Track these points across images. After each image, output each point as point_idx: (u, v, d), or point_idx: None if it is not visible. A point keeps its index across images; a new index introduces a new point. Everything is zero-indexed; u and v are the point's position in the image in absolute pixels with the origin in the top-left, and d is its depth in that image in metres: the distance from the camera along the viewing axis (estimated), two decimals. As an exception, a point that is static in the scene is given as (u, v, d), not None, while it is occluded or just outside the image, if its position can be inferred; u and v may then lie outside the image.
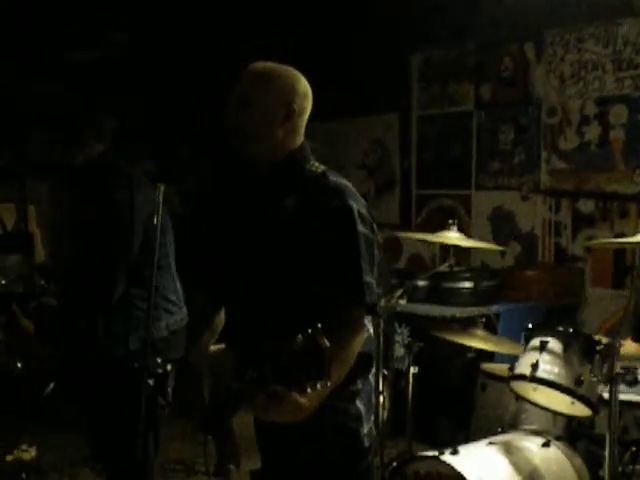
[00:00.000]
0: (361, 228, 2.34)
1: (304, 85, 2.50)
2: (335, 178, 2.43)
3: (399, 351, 5.27)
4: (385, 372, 5.28)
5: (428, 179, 6.93)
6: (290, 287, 2.37)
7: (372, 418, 2.54)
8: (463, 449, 3.33)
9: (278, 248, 2.41)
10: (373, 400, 2.56)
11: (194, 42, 6.64)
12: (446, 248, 6.15)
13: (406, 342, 4.41)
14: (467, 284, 5.52)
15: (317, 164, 2.48)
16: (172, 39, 6.60)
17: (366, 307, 2.34)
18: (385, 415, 5.31)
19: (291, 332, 1.97)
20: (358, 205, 2.37)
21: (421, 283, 5.61)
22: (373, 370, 2.56)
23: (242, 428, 2.53)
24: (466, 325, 4.13)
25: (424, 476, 3.32)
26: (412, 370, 4.17)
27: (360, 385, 2.47)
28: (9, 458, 4.66)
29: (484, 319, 4.04)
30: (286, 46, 6.90)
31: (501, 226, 6.33)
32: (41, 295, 6.45)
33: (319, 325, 1.88)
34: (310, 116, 2.53)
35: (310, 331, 1.87)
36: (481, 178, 6.48)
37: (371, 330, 2.51)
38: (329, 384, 1.98)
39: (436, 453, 3.29)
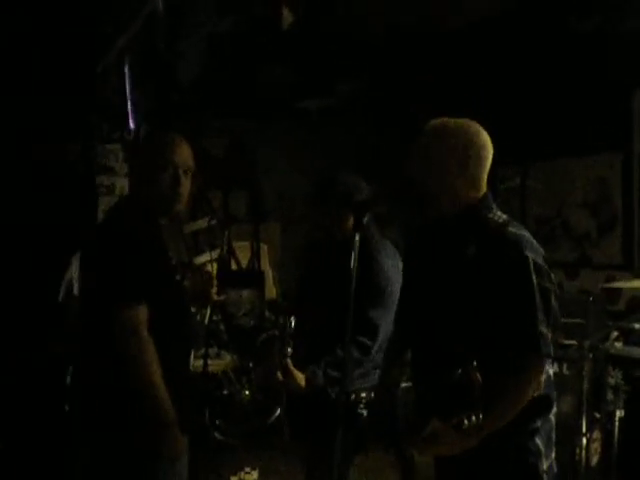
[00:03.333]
0: (537, 279, 2.46)
1: (481, 138, 2.63)
2: (514, 229, 2.55)
3: (611, 395, 5.19)
4: (597, 415, 5.25)
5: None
6: (468, 332, 2.52)
7: (552, 455, 2.63)
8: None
9: (458, 294, 2.56)
10: (553, 438, 2.64)
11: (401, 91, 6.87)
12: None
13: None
14: (686, 328, 5.34)
15: (499, 214, 2.62)
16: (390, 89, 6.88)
17: (540, 357, 2.46)
18: (596, 459, 5.26)
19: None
20: (535, 256, 2.49)
21: (638, 326, 5.49)
22: (554, 410, 2.65)
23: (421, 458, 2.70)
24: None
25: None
26: (618, 414, 4.15)
27: (539, 423, 2.57)
28: (233, 479, 5.03)
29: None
30: (505, 88, 7.05)
31: None
32: (270, 329, 6.92)
33: (474, 362, 2.03)
34: (530, 156, 2.68)
35: (465, 367, 2.03)
36: None
37: (550, 372, 2.61)
38: (488, 420, 2.13)
39: (631, 497, 3.29)
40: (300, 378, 3.46)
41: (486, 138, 2.65)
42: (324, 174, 3.73)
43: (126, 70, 5.41)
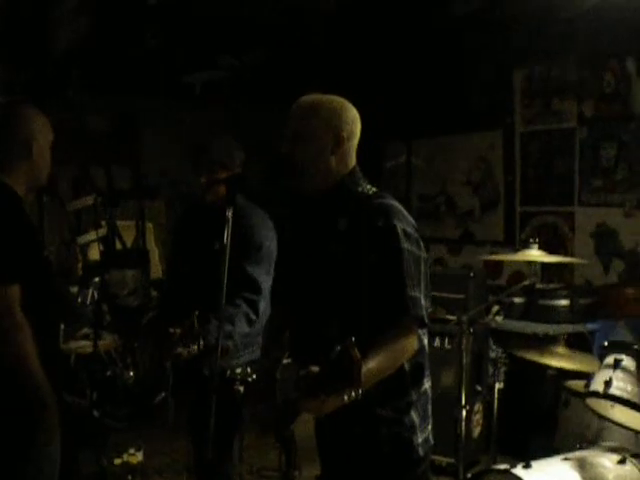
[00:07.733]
0: (406, 245, 2.46)
1: (351, 111, 2.62)
2: (382, 200, 2.55)
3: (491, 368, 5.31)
4: (478, 388, 5.37)
5: (532, 196, 6.93)
6: (343, 302, 2.52)
7: (429, 427, 2.65)
8: (536, 464, 3.37)
9: (332, 270, 2.56)
10: (429, 410, 2.66)
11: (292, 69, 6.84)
12: (547, 265, 6.17)
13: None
14: (563, 301, 5.52)
15: (368, 186, 2.62)
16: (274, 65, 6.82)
17: (411, 320, 2.46)
18: (477, 430, 5.39)
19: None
20: (403, 224, 2.49)
21: (518, 300, 5.64)
22: (428, 383, 2.66)
23: (303, 438, 2.69)
24: (548, 343, 4.16)
25: (497, 489, 3.40)
26: (497, 386, 4.23)
27: (414, 396, 2.58)
28: (117, 461, 4.94)
29: (566, 337, 4.06)
30: (391, 65, 7.09)
31: (604, 243, 6.27)
32: (155, 308, 6.80)
33: (352, 338, 2.03)
34: (415, 133, 2.66)
35: (344, 343, 2.02)
36: (584, 195, 6.44)
37: (425, 342, 2.62)
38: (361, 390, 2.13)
39: (507, 467, 3.35)
40: None
41: (355, 113, 2.64)
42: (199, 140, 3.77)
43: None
